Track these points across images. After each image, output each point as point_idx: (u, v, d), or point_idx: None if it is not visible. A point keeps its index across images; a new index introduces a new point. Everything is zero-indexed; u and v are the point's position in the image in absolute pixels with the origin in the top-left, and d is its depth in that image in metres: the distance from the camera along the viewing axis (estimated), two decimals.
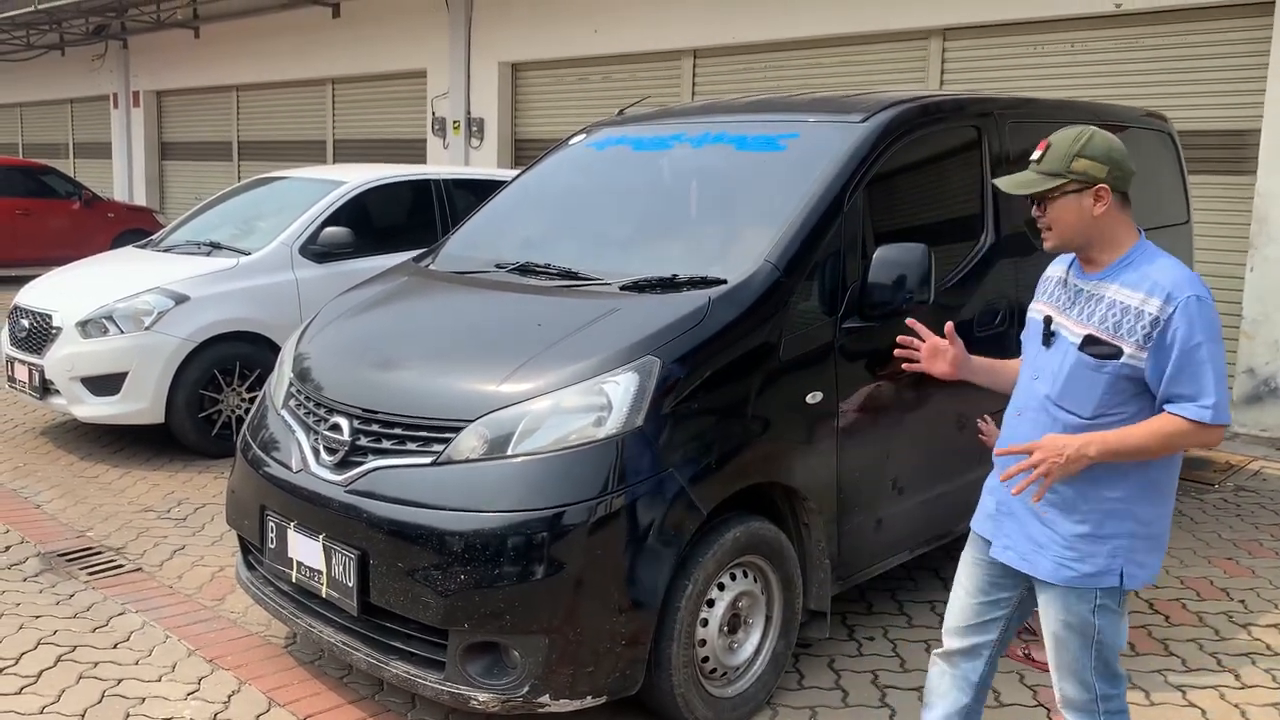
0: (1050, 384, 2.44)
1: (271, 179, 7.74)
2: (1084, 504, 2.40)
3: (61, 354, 6.07)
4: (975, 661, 2.67)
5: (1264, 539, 5.05)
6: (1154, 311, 2.29)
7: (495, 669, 2.98)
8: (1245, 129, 7.07)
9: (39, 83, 20.91)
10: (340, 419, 3.30)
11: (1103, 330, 2.36)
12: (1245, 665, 3.77)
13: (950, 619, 2.69)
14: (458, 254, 4.34)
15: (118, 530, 5.03)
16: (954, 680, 2.70)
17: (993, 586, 2.60)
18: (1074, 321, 2.42)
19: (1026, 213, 2.65)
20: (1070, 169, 2.38)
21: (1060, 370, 2.42)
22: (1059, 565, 2.42)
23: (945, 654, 2.72)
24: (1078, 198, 2.39)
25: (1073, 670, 2.47)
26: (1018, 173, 2.49)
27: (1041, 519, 2.44)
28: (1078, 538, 2.40)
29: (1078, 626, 2.43)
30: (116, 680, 3.57)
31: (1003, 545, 2.53)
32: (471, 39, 12.28)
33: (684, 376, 3.11)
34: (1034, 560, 2.46)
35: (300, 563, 3.30)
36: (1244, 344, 6.94)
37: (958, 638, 2.67)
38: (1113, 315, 2.35)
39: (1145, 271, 2.36)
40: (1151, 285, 2.32)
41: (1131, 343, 2.31)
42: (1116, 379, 2.35)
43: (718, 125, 4.27)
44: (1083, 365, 2.38)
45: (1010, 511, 2.51)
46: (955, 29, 8.55)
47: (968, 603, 2.64)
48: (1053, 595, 2.46)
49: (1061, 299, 2.50)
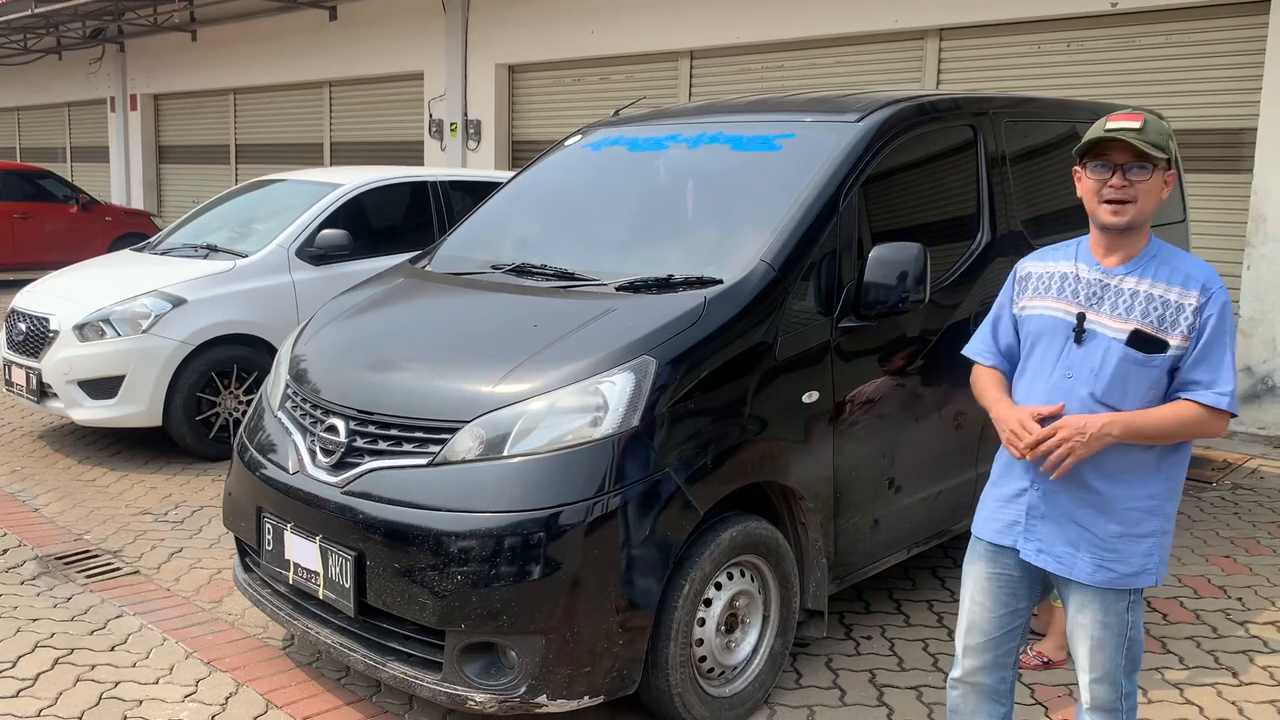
0: (1091, 382, 2.39)
1: (268, 181, 7.74)
2: (1122, 504, 2.39)
3: (59, 357, 6.07)
4: (1004, 671, 2.63)
5: (1261, 536, 5.06)
6: (1194, 303, 2.34)
7: (492, 669, 2.98)
8: (1241, 127, 7.07)
9: (36, 86, 20.91)
10: (336, 420, 3.30)
11: (1148, 324, 2.35)
12: (1243, 662, 3.77)
13: (970, 638, 2.61)
14: (454, 255, 4.34)
15: (115, 533, 5.02)
16: (983, 696, 2.64)
17: (1013, 597, 2.56)
18: (1111, 318, 2.39)
19: (1024, 211, 2.64)
20: (1169, 146, 2.37)
21: (1102, 368, 2.38)
22: (1098, 567, 2.40)
23: (967, 677, 2.64)
24: (1163, 176, 2.40)
25: (1107, 671, 2.45)
26: (1125, 135, 2.33)
27: (1078, 520, 2.42)
28: (1116, 538, 2.39)
29: (1115, 626, 2.42)
30: (114, 683, 3.57)
31: (1035, 549, 2.47)
32: (468, 41, 12.28)
33: (680, 376, 3.11)
34: (1070, 563, 2.43)
35: (297, 564, 3.30)
36: (1241, 342, 6.93)
37: (981, 654, 2.61)
38: (1154, 309, 2.35)
39: (1174, 265, 2.39)
40: (1185, 278, 2.36)
41: (1177, 335, 2.34)
42: (1162, 373, 2.36)
43: (714, 126, 4.27)
44: (1129, 361, 2.36)
45: (1043, 515, 2.46)
46: (951, 29, 8.55)
47: (989, 618, 2.58)
48: (1089, 596, 2.43)
49: (1085, 295, 2.44)
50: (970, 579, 2.62)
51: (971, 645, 2.62)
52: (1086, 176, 2.42)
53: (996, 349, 2.66)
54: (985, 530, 2.59)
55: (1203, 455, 6.40)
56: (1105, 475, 2.38)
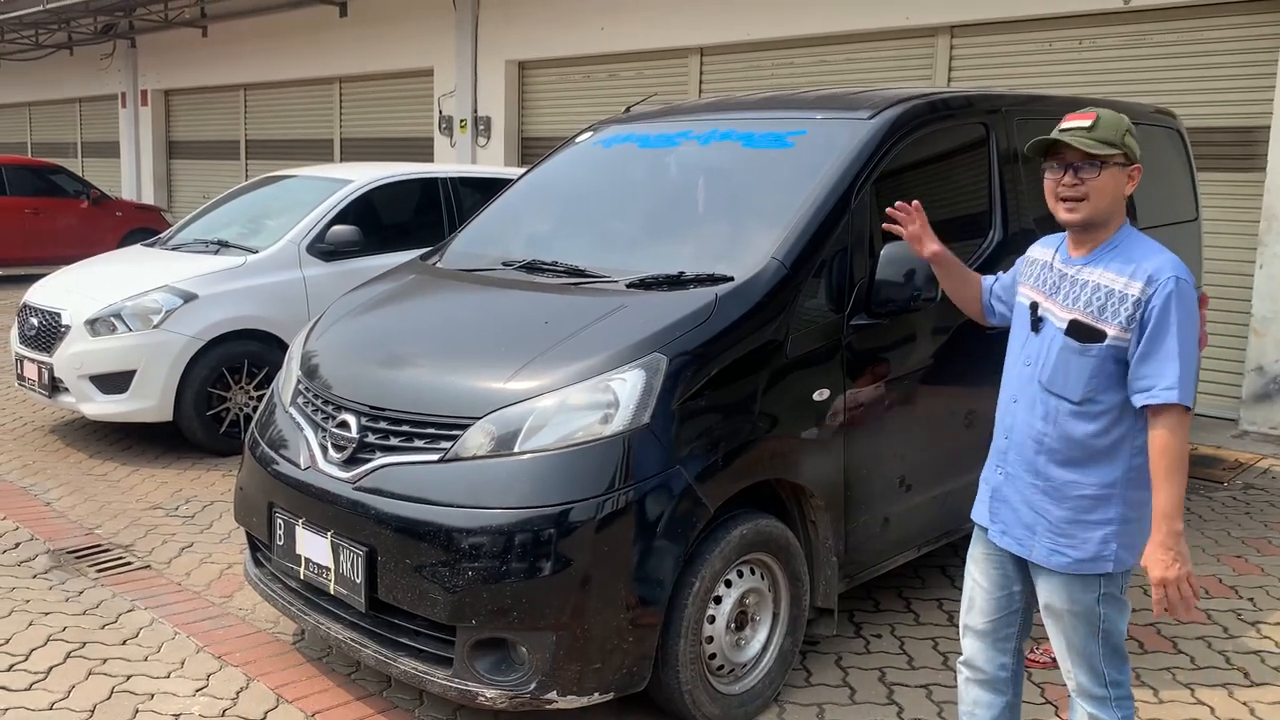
0: (1041, 369, 2.48)
1: (279, 177, 7.75)
2: (1071, 491, 2.43)
3: (70, 352, 6.09)
4: (1003, 659, 2.66)
5: (1273, 537, 5.04)
6: (1136, 294, 2.35)
7: (503, 665, 2.99)
8: (1254, 125, 7.04)
9: (47, 82, 20.97)
10: (348, 416, 3.31)
11: (1087, 314, 2.40)
12: (1254, 663, 3.76)
13: (971, 618, 2.68)
14: (464, 251, 4.34)
15: (126, 527, 5.04)
16: (982, 686, 2.69)
17: (1006, 578, 2.61)
18: (1059, 306, 2.47)
19: (1036, 209, 2.66)
20: (1123, 142, 2.41)
21: (1049, 355, 2.46)
22: (1052, 551, 2.46)
23: (969, 661, 2.71)
24: (1121, 172, 2.43)
25: (1084, 657, 2.49)
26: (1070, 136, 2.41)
27: (1033, 504, 2.48)
28: (1067, 524, 2.44)
29: (1085, 615, 2.46)
30: (125, 676, 3.58)
31: (999, 530, 2.57)
32: (478, 37, 12.28)
33: (691, 373, 3.11)
34: (1028, 544, 2.51)
35: (308, 559, 3.30)
36: (1253, 341, 6.92)
37: (981, 637, 2.66)
38: (1097, 299, 2.40)
39: (1130, 255, 2.41)
40: (1135, 269, 2.38)
41: (1115, 325, 2.36)
42: (1102, 362, 2.39)
43: (725, 122, 4.26)
44: (1069, 349, 2.42)
45: (1004, 498, 2.55)
46: (963, 26, 8.53)
47: (987, 599, 2.64)
48: (1056, 583, 2.47)
49: (1047, 283, 2.53)
50: (971, 560, 2.70)
51: (970, 625, 2.69)
52: (1046, 176, 2.50)
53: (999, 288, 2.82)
54: (975, 511, 2.69)
55: (1214, 455, 6.38)
56: (1055, 462, 2.45)
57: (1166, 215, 5.36)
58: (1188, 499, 5.51)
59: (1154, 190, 5.11)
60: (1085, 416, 2.42)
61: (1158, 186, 5.21)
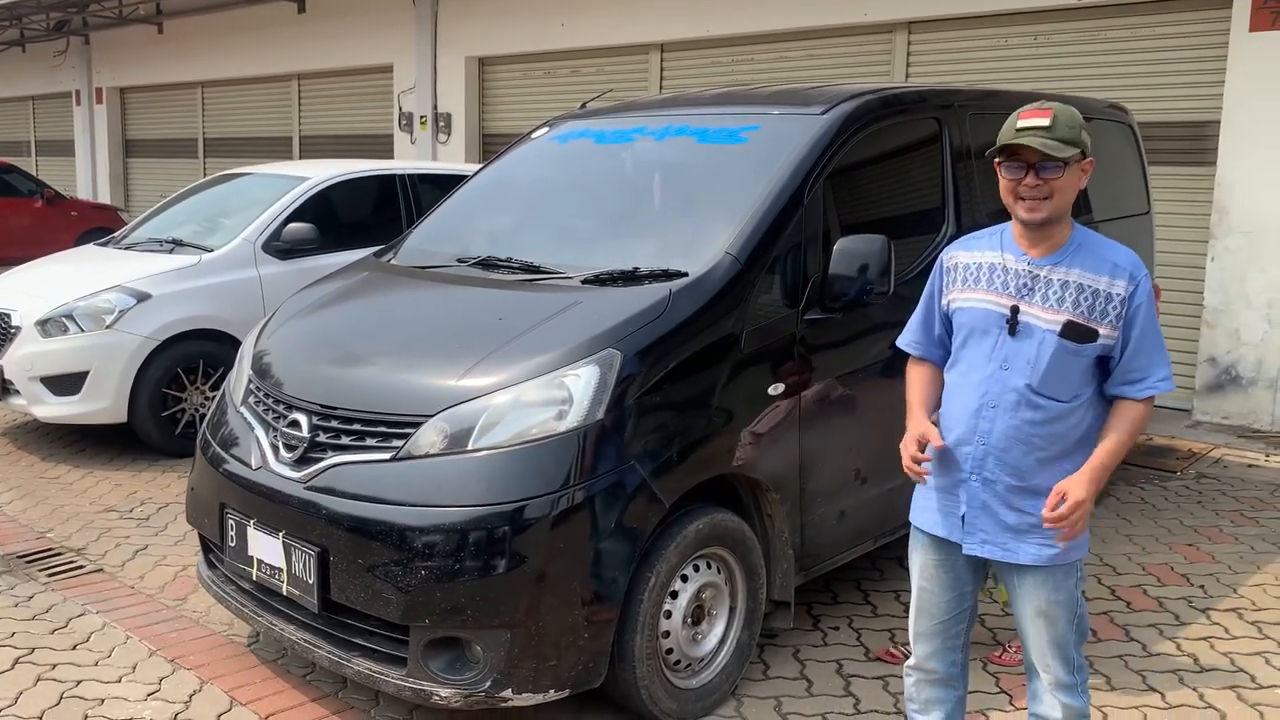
0: (1028, 374, 2.43)
1: (234, 175, 7.66)
2: (1051, 485, 2.43)
3: (21, 353, 5.99)
4: (954, 655, 2.69)
5: (1224, 525, 5.11)
6: (1121, 292, 2.39)
7: (457, 664, 2.97)
8: (1205, 120, 7.14)
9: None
10: (299, 415, 3.28)
11: (1079, 315, 2.40)
12: (1204, 649, 3.81)
13: (920, 623, 2.67)
14: (418, 248, 4.31)
15: (79, 531, 4.97)
16: (935, 683, 2.71)
17: (959, 581, 2.62)
18: (1044, 310, 2.43)
19: (990, 204, 2.66)
20: (1081, 139, 2.40)
21: (1039, 360, 2.42)
22: (1041, 547, 2.46)
23: (921, 664, 2.71)
24: (1079, 168, 2.43)
25: (1060, 646, 2.52)
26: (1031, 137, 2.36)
27: (1017, 507, 2.47)
28: None
29: (1065, 602, 2.49)
30: (75, 682, 3.53)
31: (980, 540, 2.52)
32: (438, 33, 12.21)
33: (645, 369, 3.11)
34: (1014, 548, 2.49)
35: (261, 560, 3.27)
36: (1205, 333, 7.02)
37: (931, 640, 2.67)
38: (1084, 299, 2.40)
39: (1100, 254, 2.44)
40: (1112, 267, 2.40)
41: (1106, 324, 2.39)
42: (1092, 361, 2.43)
43: (680, 118, 4.27)
44: (1064, 351, 2.41)
45: (983, 506, 2.50)
46: (921, 22, 8.58)
47: (938, 603, 2.63)
48: (1041, 578, 2.49)
49: (1013, 286, 2.47)
50: (916, 567, 2.68)
51: (921, 631, 2.68)
52: (1002, 175, 2.45)
53: (928, 340, 2.71)
54: (924, 521, 2.64)
55: (1168, 445, 6.47)
56: (1047, 461, 2.45)
57: (1119, 209, 5.43)
58: (1142, 488, 5.60)
59: (1107, 184, 5.17)
60: (1070, 413, 2.44)
61: (1111, 180, 5.27)
